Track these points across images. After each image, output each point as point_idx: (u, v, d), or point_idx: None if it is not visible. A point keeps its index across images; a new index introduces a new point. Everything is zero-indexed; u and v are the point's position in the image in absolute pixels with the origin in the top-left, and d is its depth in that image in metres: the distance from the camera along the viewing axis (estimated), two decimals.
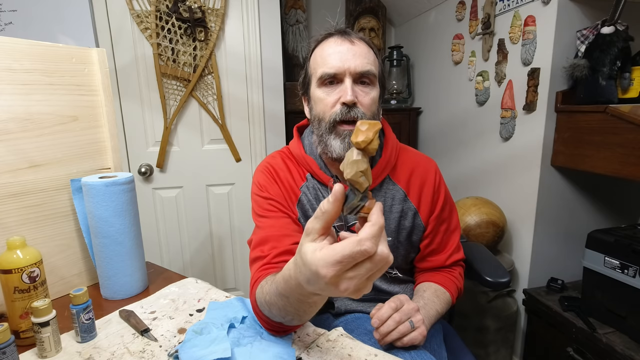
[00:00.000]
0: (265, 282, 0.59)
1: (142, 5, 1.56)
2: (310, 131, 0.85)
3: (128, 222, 0.78)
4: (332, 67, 0.71)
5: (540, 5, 1.28)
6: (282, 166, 0.82)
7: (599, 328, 1.16)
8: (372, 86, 0.74)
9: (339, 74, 0.71)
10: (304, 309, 0.52)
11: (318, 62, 0.74)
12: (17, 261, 0.59)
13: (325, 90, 0.73)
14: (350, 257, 0.37)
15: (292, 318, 0.56)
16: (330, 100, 0.72)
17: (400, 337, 0.65)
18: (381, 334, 0.65)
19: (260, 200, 0.78)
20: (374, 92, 0.74)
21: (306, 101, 0.82)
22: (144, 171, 1.69)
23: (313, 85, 0.76)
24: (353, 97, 0.69)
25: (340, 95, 0.71)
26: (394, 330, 0.65)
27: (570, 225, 1.42)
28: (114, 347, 0.61)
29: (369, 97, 0.73)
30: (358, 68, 0.71)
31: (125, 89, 1.62)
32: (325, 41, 0.75)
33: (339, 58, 0.71)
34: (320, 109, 0.74)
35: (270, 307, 0.56)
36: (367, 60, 0.72)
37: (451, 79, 1.84)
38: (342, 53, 0.71)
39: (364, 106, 0.72)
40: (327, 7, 2.18)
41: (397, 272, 0.85)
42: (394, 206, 0.80)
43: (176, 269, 1.79)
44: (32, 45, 0.74)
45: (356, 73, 0.71)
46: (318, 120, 0.75)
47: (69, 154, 0.81)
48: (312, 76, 0.77)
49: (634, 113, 1.06)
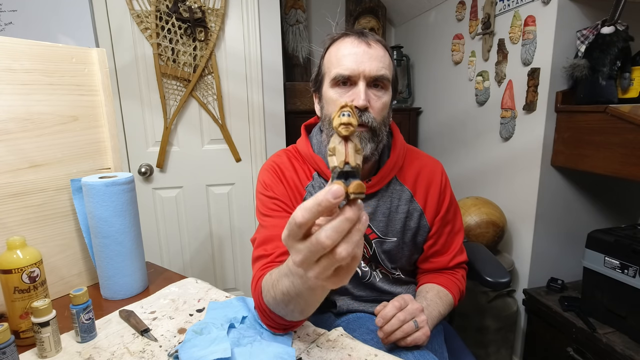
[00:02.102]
0: (276, 269, 0.59)
1: (142, 5, 1.56)
2: (319, 129, 0.85)
3: (128, 222, 0.78)
4: (347, 69, 0.70)
5: (540, 5, 1.28)
6: (287, 165, 0.82)
7: (599, 328, 1.16)
8: (385, 90, 0.73)
9: (353, 76, 0.70)
10: (307, 294, 0.50)
11: (333, 62, 0.73)
12: (17, 261, 0.59)
13: (338, 92, 0.72)
14: (317, 211, 0.34)
15: (294, 308, 0.55)
16: (342, 102, 0.72)
17: (404, 337, 0.65)
18: (385, 332, 0.65)
19: (265, 199, 0.78)
20: (387, 96, 0.74)
21: (317, 99, 0.81)
22: (144, 171, 1.69)
23: (326, 84, 0.75)
24: (365, 102, 0.69)
25: (353, 98, 0.70)
26: (398, 329, 0.65)
27: (570, 225, 1.42)
28: (114, 347, 0.61)
29: (381, 102, 0.72)
30: (373, 72, 0.70)
31: (125, 89, 1.62)
32: (342, 40, 0.74)
33: (354, 60, 0.70)
34: (331, 109, 0.74)
35: (275, 292, 0.55)
36: (383, 64, 0.71)
37: (451, 79, 1.84)
38: (358, 55, 0.70)
39: (374, 111, 0.71)
40: (327, 7, 2.18)
41: (400, 274, 0.85)
42: (400, 206, 0.80)
43: (176, 269, 1.79)
44: (32, 45, 0.74)
45: (370, 77, 0.70)
46: (329, 121, 0.75)
47: (69, 154, 0.81)
48: (325, 75, 0.76)
49: (634, 113, 1.06)
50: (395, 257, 0.83)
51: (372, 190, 0.78)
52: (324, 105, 0.77)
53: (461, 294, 0.86)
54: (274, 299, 0.56)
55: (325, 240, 0.34)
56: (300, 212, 0.35)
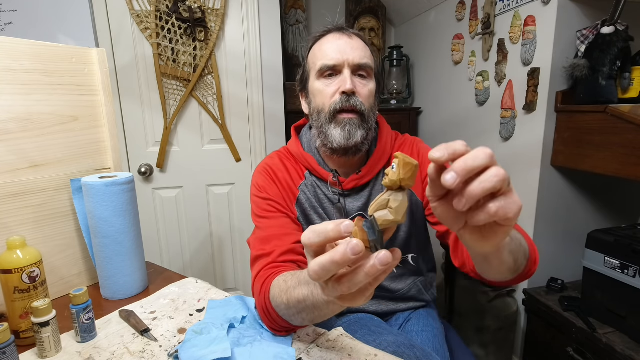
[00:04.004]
0: (290, 275, 0.58)
1: (142, 5, 1.56)
2: (308, 128, 0.86)
3: (128, 222, 0.78)
4: (332, 59, 0.73)
5: (540, 5, 1.28)
6: (280, 166, 0.82)
7: (599, 328, 1.16)
8: (369, 79, 0.76)
9: (338, 65, 0.73)
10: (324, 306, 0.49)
11: (317, 56, 0.76)
12: (17, 261, 0.59)
13: (324, 82, 0.75)
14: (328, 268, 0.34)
15: (305, 316, 0.54)
16: (329, 91, 0.74)
17: (490, 191, 0.32)
18: (460, 171, 0.32)
19: (259, 201, 0.78)
20: (371, 84, 0.77)
21: (304, 97, 0.84)
22: (144, 171, 1.69)
23: (312, 78, 0.78)
24: (352, 86, 0.72)
25: (340, 85, 0.73)
26: (484, 178, 0.33)
27: (570, 225, 1.42)
28: (114, 347, 0.61)
29: (367, 89, 0.75)
30: (356, 60, 0.73)
31: (125, 89, 1.62)
32: (324, 37, 0.78)
33: (338, 50, 0.73)
34: (320, 100, 0.76)
35: (289, 298, 0.54)
36: (365, 53, 0.75)
37: (451, 79, 1.84)
38: (341, 46, 0.74)
39: (362, 96, 0.74)
40: (327, 7, 2.18)
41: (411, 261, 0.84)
42: None
43: (176, 269, 1.79)
44: (32, 45, 0.74)
45: (354, 65, 0.73)
46: (317, 112, 0.77)
47: (69, 154, 0.81)
48: (310, 70, 0.78)
49: (634, 113, 1.06)
50: (396, 242, 0.82)
51: (364, 181, 0.79)
52: (311, 99, 0.79)
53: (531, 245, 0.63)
54: (286, 305, 0.55)
55: (347, 290, 0.35)
56: (318, 265, 0.34)
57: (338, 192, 0.79)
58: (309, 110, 0.81)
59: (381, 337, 0.71)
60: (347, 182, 0.79)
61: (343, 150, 0.75)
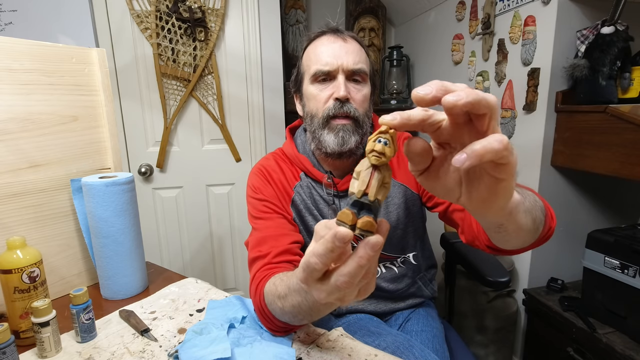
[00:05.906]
0: (279, 279, 0.58)
1: (142, 5, 1.56)
2: (303, 130, 0.86)
3: (128, 222, 0.78)
4: (326, 64, 0.72)
5: (540, 5, 1.28)
6: (275, 168, 0.82)
7: (599, 328, 1.16)
8: (363, 83, 0.76)
9: (332, 70, 0.72)
10: (320, 308, 0.50)
11: (311, 59, 0.75)
12: (17, 261, 0.59)
13: (318, 87, 0.75)
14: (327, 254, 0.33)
15: (302, 318, 0.55)
16: (323, 96, 0.74)
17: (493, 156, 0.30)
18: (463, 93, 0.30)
19: (255, 202, 0.78)
20: (366, 89, 0.76)
21: (298, 99, 0.84)
22: (144, 171, 1.69)
23: (306, 82, 0.77)
24: (346, 93, 0.71)
25: (333, 91, 0.72)
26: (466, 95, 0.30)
27: (570, 225, 1.42)
28: (114, 347, 0.61)
29: (361, 94, 0.74)
30: (350, 65, 0.72)
31: (125, 89, 1.62)
32: (318, 39, 0.77)
33: (332, 55, 0.72)
34: (313, 105, 0.76)
35: (284, 304, 0.54)
36: (359, 58, 0.74)
37: (451, 79, 1.84)
38: (335, 50, 0.73)
39: (356, 102, 0.73)
40: (327, 7, 2.18)
41: (411, 259, 0.84)
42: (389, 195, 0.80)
43: (176, 269, 1.79)
44: (32, 45, 0.74)
45: (349, 70, 0.72)
46: (311, 117, 0.76)
47: (69, 154, 0.81)
48: (305, 73, 0.78)
49: (634, 113, 1.06)
50: (393, 239, 0.82)
51: None
52: (305, 103, 0.79)
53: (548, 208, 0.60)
54: (281, 309, 0.56)
55: (342, 285, 0.34)
56: (314, 259, 0.33)
57: (333, 194, 0.79)
58: (303, 113, 0.81)
59: (380, 337, 0.71)
60: (342, 183, 0.78)
61: (337, 154, 0.74)
